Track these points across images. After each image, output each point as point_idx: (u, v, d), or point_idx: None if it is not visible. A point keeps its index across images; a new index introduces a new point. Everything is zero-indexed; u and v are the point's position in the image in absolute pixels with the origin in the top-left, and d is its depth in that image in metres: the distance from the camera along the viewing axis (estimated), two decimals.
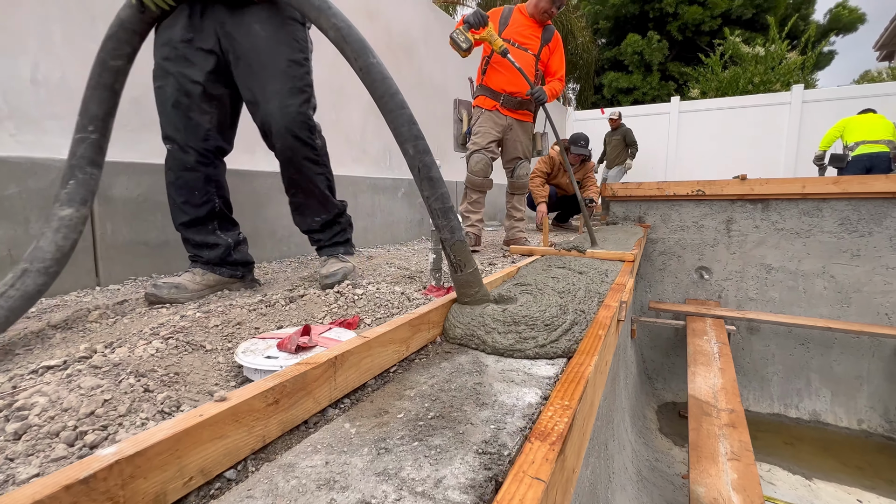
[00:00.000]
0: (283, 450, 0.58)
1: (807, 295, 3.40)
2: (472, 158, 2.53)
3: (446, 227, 0.88)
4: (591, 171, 4.41)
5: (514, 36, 2.49)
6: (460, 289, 0.96)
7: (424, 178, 0.83)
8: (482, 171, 2.54)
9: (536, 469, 0.40)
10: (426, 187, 0.84)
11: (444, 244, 0.90)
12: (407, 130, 0.81)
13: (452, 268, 0.92)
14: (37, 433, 0.50)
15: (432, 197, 0.85)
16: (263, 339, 0.89)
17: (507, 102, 2.54)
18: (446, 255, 0.91)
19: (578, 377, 0.62)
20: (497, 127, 2.54)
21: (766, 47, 9.58)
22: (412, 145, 0.82)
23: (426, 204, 0.86)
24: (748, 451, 1.87)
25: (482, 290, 0.97)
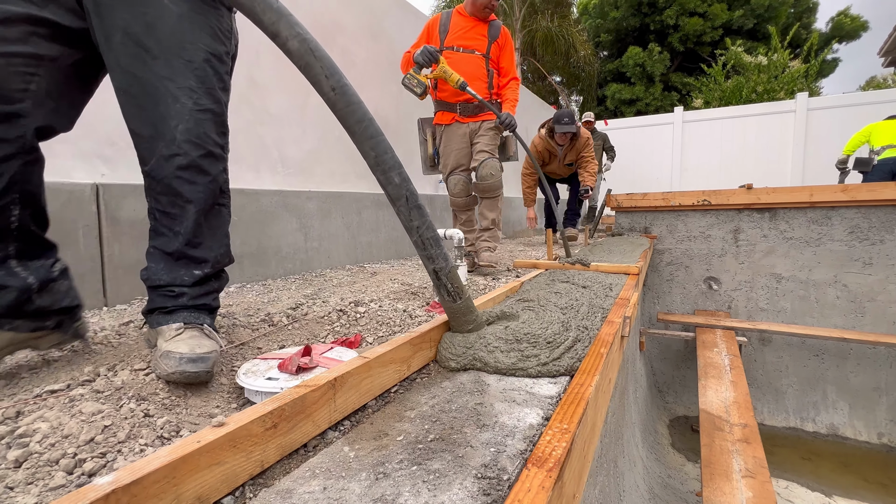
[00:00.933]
0: (282, 475, 0.58)
1: (819, 305, 3.33)
2: (449, 182, 2.44)
3: (440, 255, 0.83)
4: (586, 147, 3.88)
5: (457, 41, 2.33)
6: (460, 317, 0.92)
7: (413, 208, 0.77)
8: (462, 191, 2.43)
9: (532, 498, 0.40)
10: (416, 217, 0.78)
11: (438, 274, 0.84)
12: (390, 158, 0.74)
13: (450, 297, 0.88)
14: (37, 461, 0.51)
15: (423, 226, 0.79)
16: (265, 359, 0.89)
17: (465, 111, 2.38)
18: (440, 286, 0.86)
19: (579, 398, 0.61)
20: (461, 139, 2.40)
21: (768, 56, 9.61)
22: (397, 173, 0.75)
23: (416, 234, 0.79)
24: (763, 467, 1.82)
25: (478, 317, 0.96)
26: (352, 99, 0.71)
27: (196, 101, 0.93)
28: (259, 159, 2.23)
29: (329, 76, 0.70)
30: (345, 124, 0.72)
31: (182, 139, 0.91)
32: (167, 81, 0.90)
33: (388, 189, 0.76)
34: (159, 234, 0.95)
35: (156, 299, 0.94)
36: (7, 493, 0.46)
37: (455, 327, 0.95)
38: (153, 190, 0.93)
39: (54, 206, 1.37)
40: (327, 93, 0.70)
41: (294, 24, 0.69)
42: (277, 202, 2.23)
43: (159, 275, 0.94)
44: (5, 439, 0.55)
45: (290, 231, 2.29)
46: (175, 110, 0.90)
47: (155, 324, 0.93)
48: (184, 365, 0.81)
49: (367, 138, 0.72)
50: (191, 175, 0.93)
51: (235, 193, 2.04)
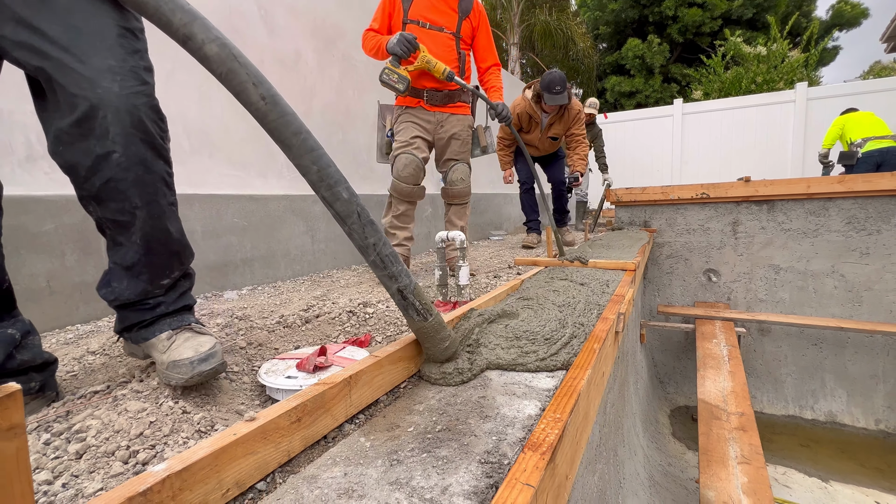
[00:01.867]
0: (306, 463, 0.65)
1: (817, 295, 3.38)
2: (398, 160, 2.03)
3: (402, 272, 0.76)
4: (577, 121, 3.30)
5: (423, 14, 1.99)
6: (433, 336, 0.84)
7: (367, 224, 0.71)
8: (412, 175, 2.03)
9: (527, 476, 0.47)
10: (370, 233, 0.71)
11: (403, 293, 0.77)
12: (335, 171, 0.67)
13: (420, 316, 0.80)
14: (95, 452, 0.58)
15: (379, 243, 0.72)
16: (283, 359, 0.97)
17: (433, 99, 2.07)
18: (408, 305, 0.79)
19: (571, 391, 0.68)
20: (423, 123, 2.08)
21: (767, 46, 9.57)
22: (344, 188, 0.68)
23: (373, 252, 0.72)
24: (758, 454, 1.88)
25: (451, 334, 0.88)
26: (285, 109, 0.64)
27: (122, 84, 0.78)
28: (266, 165, 2.30)
29: (257, 84, 0.61)
30: (279, 138, 0.64)
31: (116, 132, 0.77)
32: (77, 63, 0.75)
33: (335, 206, 0.68)
34: (117, 244, 0.84)
35: (129, 316, 0.86)
36: (74, 480, 0.53)
37: (430, 350, 0.87)
38: (98, 197, 0.80)
39: (77, 219, 1.45)
40: (255, 103, 0.62)
41: (210, 27, 0.61)
42: (285, 206, 2.30)
43: (125, 294, 0.85)
44: (64, 434, 0.62)
45: (297, 234, 2.36)
46: (98, 97, 0.75)
47: (139, 339, 0.87)
48: (198, 366, 0.79)
49: (306, 152, 0.65)
50: (137, 173, 0.80)
51: (245, 199, 2.12)
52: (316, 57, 2.59)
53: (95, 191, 0.79)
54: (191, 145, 1.95)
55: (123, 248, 0.84)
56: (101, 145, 0.76)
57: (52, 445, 0.60)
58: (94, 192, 0.79)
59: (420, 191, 2.10)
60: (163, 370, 0.81)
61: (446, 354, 0.87)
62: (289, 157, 0.66)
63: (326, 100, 2.68)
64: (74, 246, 1.41)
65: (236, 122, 2.15)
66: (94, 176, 0.78)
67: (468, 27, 2.11)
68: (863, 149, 4.81)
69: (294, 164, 0.66)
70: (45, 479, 0.53)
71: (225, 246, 1.98)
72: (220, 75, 0.61)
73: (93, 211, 0.83)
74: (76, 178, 0.80)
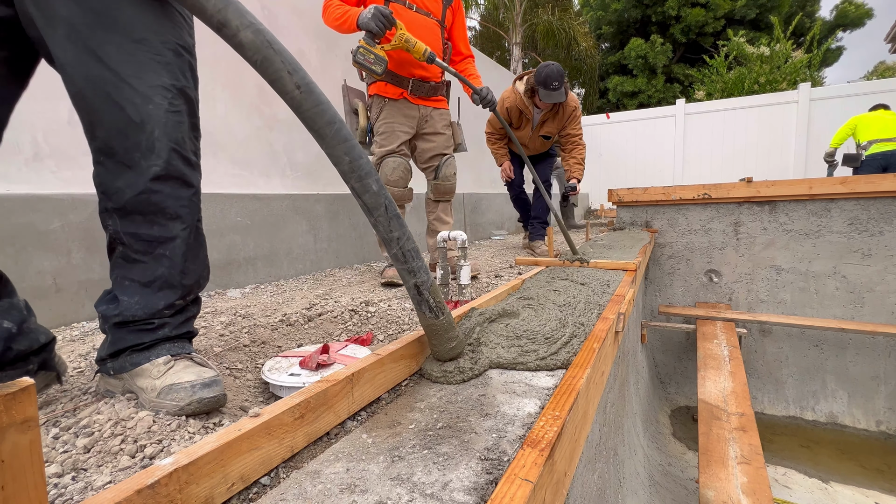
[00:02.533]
0: (309, 458, 0.66)
1: (819, 296, 3.38)
2: (385, 165, 1.95)
3: (421, 268, 0.75)
4: (573, 119, 2.93)
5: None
6: (442, 335, 0.84)
7: (393, 217, 0.70)
8: (401, 179, 1.96)
9: (526, 472, 0.48)
10: (396, 227, 0.70)
11: (419, 289, 0.77)
12: (366, 163, 0.67)
13: (433, 313, 0.79)
14: (103, 447, 0.59)
15: (403, 237, 0.71)
16: (286, 356, 0.98)
17: (418, 90, 1.94)
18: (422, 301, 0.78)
19: (570, 389, 0.69)
20: (409, 121, 1.98)
21: (770, 47, 9.55)
22: (374, 180, 0.67)
23: (396, 246, 0.71)
24: (758, 454, 1.89)
25: (459, 334, 0.88)
26: (320, 98, 0.62)
27: (171, 102, 0.80)
28: (269, 165, 2.32)
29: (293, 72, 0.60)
30: (312, 127, 0.63)
31: (161, 147, 0.78)
32: (134, 80, 0.76)
33: (364, 198, 0.68)
34: (132, 261, 0.81)
35: (126, 337, 0.80)
36: (83, 474, 0.55)
37: (437, 348, 0.87)
38: (124, 209, 0.78)
39: (83, 217, 1.46)
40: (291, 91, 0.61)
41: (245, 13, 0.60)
42: (287, 206, 2.32)
43: (133, 310, 0.79)
44: (72, 429, 0.63)
45: (300, 233, 2.37)
46: (148, 113, 0.77)
47: (129, 365, 0.78)
48: (199, 392, 0.73)
49: (339, 142, 0.64)
50: (173, 188, 0.80)
51: (248, 199, 2.13)
52: (319, 57, 2.60)
53: (130, 203, 0.78)
54: None
55: (144, 263, 0.81)
56: (146, 159, 0.77)
57: (60, 440, 0.61)
58: (127, 205, 0.78)
59: (409, 193, 2.06)
60: (152, 397, 0.73)
61: (451, 354, 0.87)
62: (322, 146, 0.65)
63: (329, 100, 2.69)
64: (80, 244, 1.42)
65: (240, 122, 2.17)
66: (131, 187, 0.77)
67: (450, 16, 2.01)
68: (867, 151, 4.80)
69: (326, 153, 0.65)
70: (55, 472, 0.54)
71: (228, 245, 1.99)
72: (256, 63, 0.60)
73: (116, 223, 0.80)
74: (109, 187, 0.78)
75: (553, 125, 2.95)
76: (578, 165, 2.97)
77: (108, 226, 0.81)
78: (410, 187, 2.07)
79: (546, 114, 2.87)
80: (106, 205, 0.79)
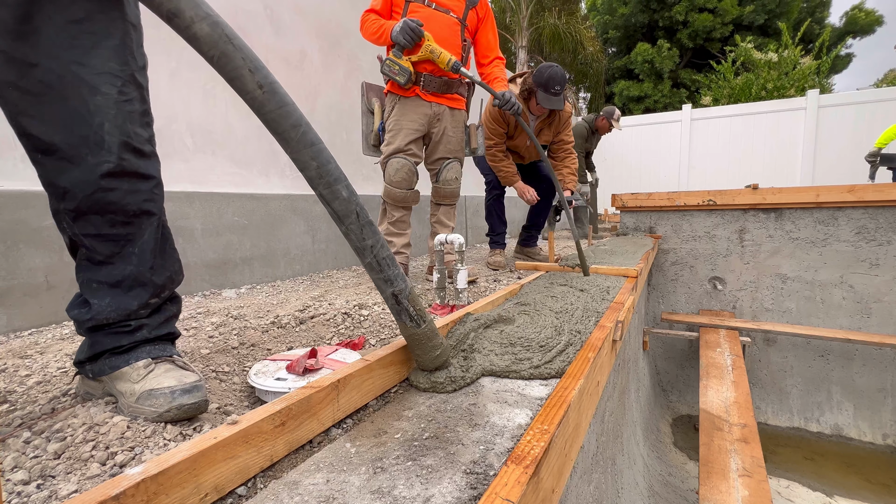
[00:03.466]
0: (289, 468, 0.64)
1: (825, 305, 3.33)
2: (389, 165, 1.93)
3: (398, 276, 0.73)
4: (566, 126, 2.72)
5: None
6: (425, 343, 0.81)
7: (365, 224, 0.67)
8: (405, 180, 1.93)
9: (508, 491, 0.45)
10: (368, 235, 0.67)
11: (398, 298, 0.75)
12: (335, 168, 0.63)
13: (413, 322, 0.77)
14: (74, 453, 0.57)
15: (377, 245, 0.69)
16: (274, 360, 0.96)
17: (430, 85, 1.90)
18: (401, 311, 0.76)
19: (561, 402, 0.66)
20: (420, 119, 1.94)
21: (778, 53, 9.48)
22: (344, 186, 0.64)
23: (370, 255, 0.69)
24: (760, 466, 1.85)
25: (443, 342, 0.85)
26: (284, 99, 0.58)
27: (121, 90, 0.72)
28: (269, 164, 2.31)
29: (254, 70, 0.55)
30: (276, 130, 0.59)
31: (112, 141, 0.71)
32: (77, 67, 0.68)
33: (333, 205, 0.64)
34: (98, 263, 0.76)
35: (103, 340, 0.76)
36: (49, 481, 0.53)
37: (420, 358, 0.84)
38: (77, 210, 0.72)
39: None
40: (252, 91, 0.56)
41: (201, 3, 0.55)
42: (286, 206, 2.30)
43: (105, 312, 0.75)
44: (45, 433, 0.61)
45: (298, 233, 2.36)
46: (95, 104, 0.69)
47: (108, 368, 0.74)
48: (179, 398, 0.69)
49: (305, 146, 0.60)
50: (130, 183, 0.74)
51: (246, 198, 2.12)
52: (321, 57, 2.60)
53: (83, 203, 0.71)
54: (194, 143, 1.95)
55: (111, 264, 0.76)
56: (95, 155, 0.70)
57: (31, 444, 0.59)
58: (80, 206, 0.71)
59: (414, 195, 2.02)
60: (131, 402, 0.70)
61: (436, 363, 0.84)
62: (286, 151, 0.61)
63: (331, 100, 2.69)
64: None
65: (240, 121, 2.16)
66: (81, 187, 0.70)
67: (473, 17, 2.01)
68: None
69: (292, 158, 0.61)
70: (21, 479, 0.52)
71: (225, 244, 1.98)
72: (212, 59, 0.55)
73: (72, 226, 0.74)
74: (56, 188, 0.71)
75: (549, 132, 2.69)
76: (572, 176, 2.70)
77: (63, 228, 0.76)
78: (416, 189, 2.03)
79: (542, 121, 2.62)
80: (57, 206, 0.73)
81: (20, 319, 1.30)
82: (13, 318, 1.28)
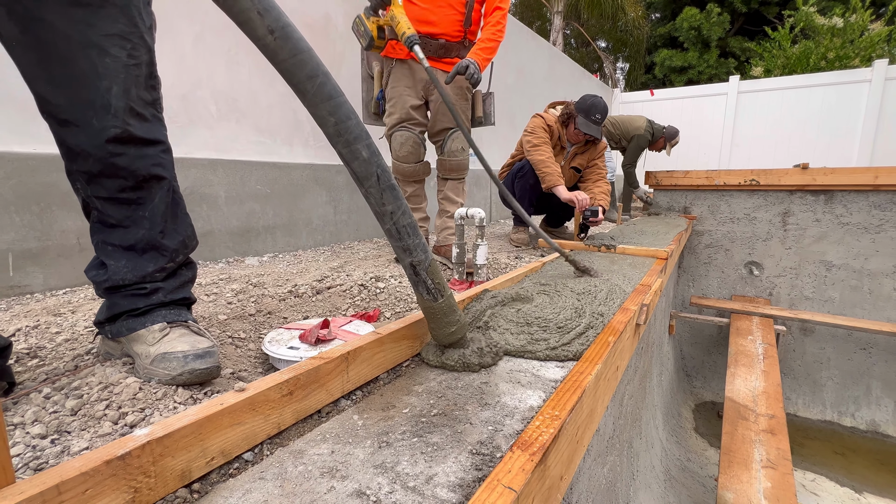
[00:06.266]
0: (296, 436, 0.64)
1: (872, 296, 3.11)
2: (394, 140, 1.82)
3: (418, 246, 0.69)
4: (600, 156, 2.71)
5: None
6: (441, 318, 0.78)
7: (386, 188, 0.63)
8: (412, 154, 1.83)
9: (511, 479, 0.43)
10: (389, 200, 0.63)
11: (416, 269, 0.72)
12: (355, 125, 0.58)
13: (430, 295, 0.75)
14: (89, 410, 0.59)
15: (398, 211, 0.65)
16: (288, 329, 0.96)
17: (426, 48, 1.74)
18: (419, 282, 0.74)
19: (576, 386, 0.63)
20: (417, 85, 1.80)
21: (845, 17, 8.58)
22: (364, 145, 0.59)
23: (389, 221, 0.66)
24: (786, 459, 1.78)
25: (461, 317, 0.81)
26: (299, 45, 0.53)
27: (130, 53, 0.71)
28: (292, 133, 2.29)
29: (263, 13, 0.50)
30: (291, 81, 0.54)
31: (119, 106, 0.70)
32: (84, 27, 0.66)
33: (353, 165, 0.60)
34: (110, 226, 0.76)
35: (120, 302, 0.77)
36: (64, 437, 0.54)
37: (435, 332, 0.81)
38: (90, 173, 0.73)
39: None
40: (263, 37, 0.51)
41: None
42: (308, 175, 2.30)
43: (121, 273, 0.76)
44: (64, 390, 0.63)
45: (320, 203, 2.36)
46: (104, 67, 0.68)
47: (125, 330, 0.76)
48: (191, 363, 0.70)
49: (322, 100, 0.55)
50: (136, 149, 0.74)
51: (269, 167, 2.13)
52: (346, 22, 2.52)
53: (94, 166, 0.71)
54: (218, 110, 1.95)
55: (123, 227, 0.76)
56: (101, 119, 0.69)
57: (51, 399, 0.61)
58: (91, 168, 0.72)
59: (424, 167, 1.90)
60: (146, 364, 0.71)
61: (450, 340, 0.82)
62: (303, 103, 0.56)
63: (356, 68, 2.62)
64: None
65: (264, 88, 2.14)
66: (92, 149, 0.70)
67: None
68: None
69: (310, 113, 0.57)
70: (38, 433, 0.54)
71: (248, 212, 2.00)
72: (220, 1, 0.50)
73: (85, 188, 0.74)
74: (67, 150, 0.72)
75: (583, 158, 2.65)
76: (604, 195, 2.56)
77: (77, 189, 0.76)
78: (426, 161, 1.92)
79: (578, 147, 2.59)
80: (70, 167, 0.74)
81: (55, 279, 1.36)
82: (49, 278, 1.35)
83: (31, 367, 0.75)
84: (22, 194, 1.30)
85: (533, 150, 2.36)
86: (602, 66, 12.55)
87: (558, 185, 2.31)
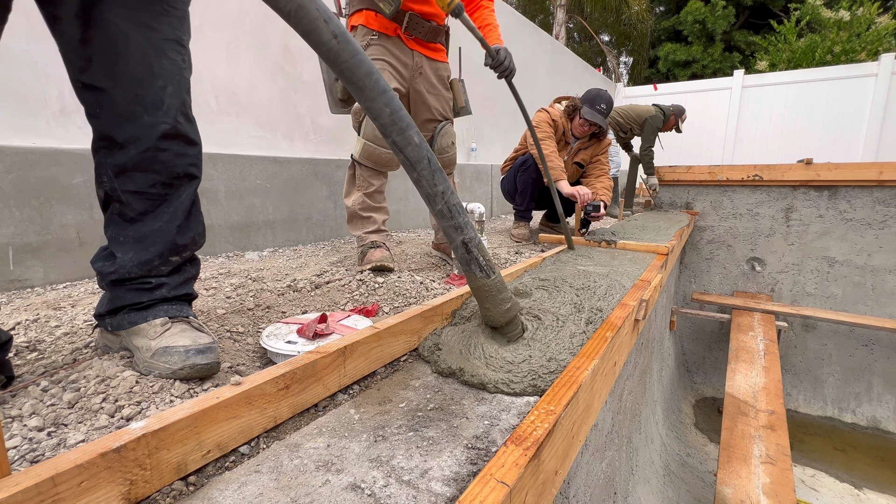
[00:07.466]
0: (293, 430, 0.64)
1: (875, 293, 3.09)
2: (367, 121, 1.56)
3: (468, 224, 0.72)
4: (603, 152, 2.68)
5: None
6: (495, 296, 0.78)
7: (436, 170, 0.67)
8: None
9: (504, 473, 0.43)
10: (440, 181, 0.67)
11: (468, 246, 0.73)
12: (406, 115, 0.65)
13: (483, 272, 0.75)
14: (86, 403, 0.59)
15: (448, 191, 0.69)
16: (287, 323, 0.96)
17: (416, 29, 1.55)
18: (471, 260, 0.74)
19: (572, 382, 0.63)
20: (399, 65, 1.57)
21: (851, 11, 8.47)
22: (415, 132, 0.65)
23: (441, 201, 0.68)
24: (785, 455, 1.78)
25: (514, 298, 0.81)
26: (356, 47, 0.59)
27: (185, 59, 0.79)
28: (292, 128, 2.29)
29: (328, 20, 0.56)
30: (350, 80, 0.60)
31: (172, 104, 0.76)
32: (146, 30, 0.72)
33: (406, 151, 0.65)
34: (129, 220, 0.78)
35: (123, 296, 0.77)
36: (61, 430, 0.54)
37: (490, 311, 0.79)
38: (124, 167, 0.75)
39: None
40: (328, 42, 0.56)
41: None
42: (308, 170, 2.30)
43: (129, 267, 0.77)
44: (62, 383, 0.64)
45: (320, 198, 2.36)
46: (161, 68, 0.74)
47: (126, 323, 0.76)
48: (193, 357, 0.71)
49: (378, 93, 0.61)
50: (180, 146, 0.78)
51: (269, 161, 2.12)
52: None
53: (132, 160, 0.74)
54: (218, 104, 1.95)
55: (140, 221, 0.78)
56: (152, 115, 0.74)
57: (49, 392, 0.61)
58: (128, 162, 0.74)
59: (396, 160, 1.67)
60: (146, 357, 0.72)
61: (507, 317, 0.80)
62: (359, 99, 0.62)
63: None
64: None
65: (264, 83, 2.13)
66: (136, 144, 0.74)
67: None
68: None
69: (365, 107, 0.62)
70: (35, 426, 0.54)
71: (248, 207, 2.00)
72: (289, 14, 0.55)
73: (106, 181, 0.76)
74: (110, 143, 0.74)
75: (587, 153, 2.62)
76: (606, 191, 2.54)
77: (101, 182, 0.77)
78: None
79: (583, 142, 2.56)
80: (103, 160, 0.76)
81: (55, 273, 1.37)
82: (49, 272, 1.35)
83: (30, 360, 0.75)
84: (22, 188, 1.30)
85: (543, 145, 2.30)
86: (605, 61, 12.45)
87: (560, 180, 2.29)
